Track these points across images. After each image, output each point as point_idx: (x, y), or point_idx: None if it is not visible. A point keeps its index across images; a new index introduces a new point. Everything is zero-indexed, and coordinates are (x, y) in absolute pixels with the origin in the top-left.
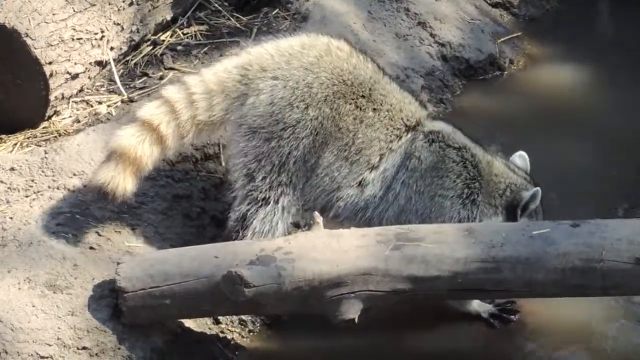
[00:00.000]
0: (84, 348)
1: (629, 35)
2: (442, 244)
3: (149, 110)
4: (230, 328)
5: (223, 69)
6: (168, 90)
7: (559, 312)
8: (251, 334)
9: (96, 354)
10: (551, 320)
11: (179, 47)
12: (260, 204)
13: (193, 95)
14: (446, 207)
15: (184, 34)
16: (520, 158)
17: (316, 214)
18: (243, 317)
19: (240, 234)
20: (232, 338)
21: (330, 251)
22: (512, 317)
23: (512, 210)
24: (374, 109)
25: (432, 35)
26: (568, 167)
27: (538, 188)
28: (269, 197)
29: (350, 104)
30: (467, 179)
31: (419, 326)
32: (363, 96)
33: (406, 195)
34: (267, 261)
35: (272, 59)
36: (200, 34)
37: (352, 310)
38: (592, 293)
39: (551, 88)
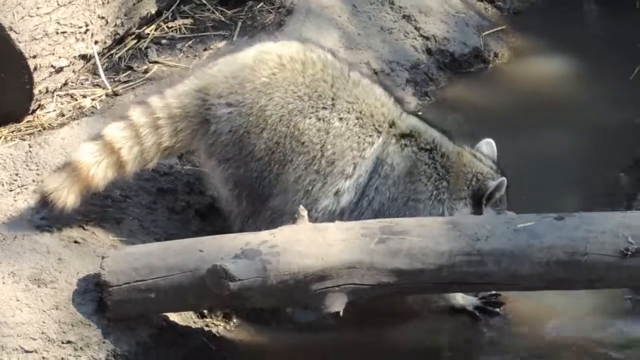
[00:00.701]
0: (68, 342)
1: (613, 27)
2: (427, 237)
3: (113, 131)
4: (215, 321)
5: (185, 93)
6: (134, 112)
7: (542, 304)
8: (236, 327)
9: (81, 348)
10: (535, 312)
11: (164, 41)
12: (250, 221)
13: (158, 120)
14: (419, 209)
15: (168, 28)
16: (488, 145)
17: (301, 207)
18: (228, 310)
19: None
20: (217, 331)
21: (315, 245)
22: (497, 309)
23: (478, 199)
24: (340, 119)
25: (416, 28)
26: (552, 160)
27: (503, 178)
28: (250, 217)
29: (310, 118)
30: (436, 180)
31: (402, 319)
32: (324, 108)
33: (380, 201)
34: (252, 255)
35: (227, 82)
36: (185, 27)
37: (337, 304)
38: (577, 286)
39: (536, 81)
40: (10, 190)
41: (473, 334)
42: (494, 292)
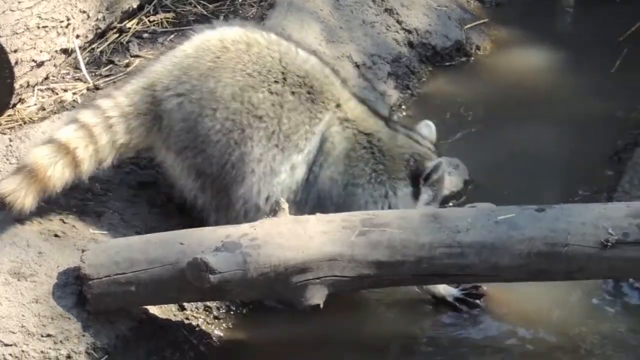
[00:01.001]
0: (48, 335)
1: (595, 19)
2: (407, 229)
3: (66, 133)
4: (195, 314)
5: (133, 91)
6: (84, 115)
7: (523, 296)
8: (216, 320)
9: (60, 341)
10: (515, 304)
11: (145, 35)
12: (222, 211)
13: (110, 119)
14: (358, 194)
15: (150, 22)
16: (427, 127)
17: (282, 200)
18: (208, 303)
19: None
20: (198, 324)
21: (296, 237)
22: (478, 301)
23: (416, 180)
24: (293, 92)
25: (398, 22)
26: (533, 152)
27: (441, 159)
28: (221, 207)
29: (263, 92)
30: (374, 164)
31: (383, 311)
32: (276, 82)
33: (322, 179)
34: (232, 247)
35: (172, 74)
36: (167, 21)
37: (318, 296)
38: (557, 278)
39: (518, 74)
40: None
41: (453, 325)
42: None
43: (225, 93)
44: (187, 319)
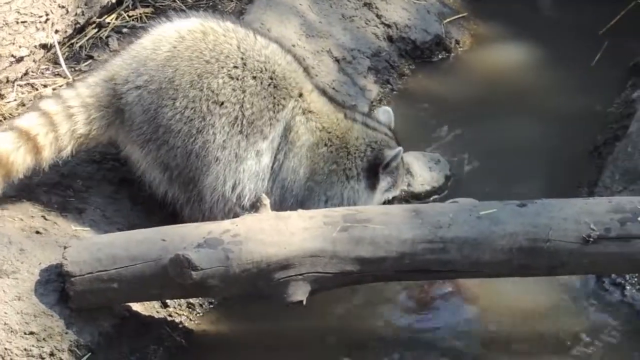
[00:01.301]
0: (31, 333)
1: (575, 14)
2: (390, 225)
3: (28, 120)
4: (178, 311)
5: (95, 84)
6: (46, 103)
7: (502, 291)
8: (199, 317)
9: (43, 339)
10: (494, 299)
11: (125, 30)
12: (193, 203)
13: (71, 109)
14: (315, 191)
15: (129, 17)
16: (385, 113)
17: (263, 196)
18: (191, 300)
19: None
20: (180, 321)
21: (278, 233)
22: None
23: (374, 169)
24: (254, 77)
25: (378, 16)
26: (515, 147)
27: (400, 147)
28: (191, 198)
29: (222, 77)
30: (331, 163)
31: (364, 308)
32: (235, 67)
33: (286, 169)
34: (214, 244)
35: (130, 67)
36: (146, 16)
37: (300, 292)
38: (539, 273)
39: (498, 69)
40: None
41: (434, 324)
42: None
43: (184, 81)
44: (169, 315)
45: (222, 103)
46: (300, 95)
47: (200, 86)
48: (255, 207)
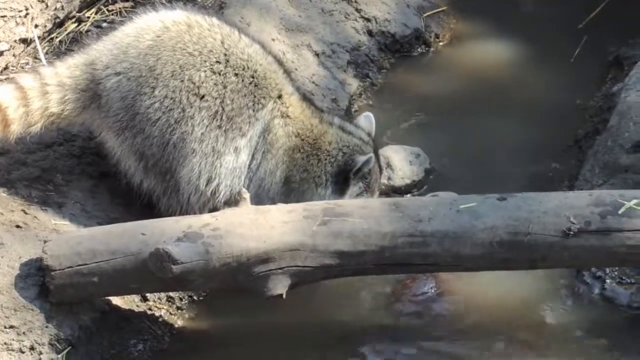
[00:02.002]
0: (11, 327)
1: (554, 8)
2: (369, 219)
3: (1, 92)
4: (158, 305)
5: (75, 65)
6: (23, 78)
7: (482, 285)
8: (179, 310)
9: (24, 333)
10: (474, 293)
11: (104, 24)
12: (170, 194)
13: (47, 86)
14: (290, 197)
15: (109, 11)
16: (366, 118)
17: (243, 190)
18: (171, 294)
19: None
20: (160, 315)
21: (258, 227)
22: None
23: (345, 174)
24: (236, 74)
25: (357, 10)
26: (495, 141)
27: (371, 154)
28: (168, 189)
29: (205, 71)
30: (302, 171)
31: (346, 302)
32: (218, 62)
33: (263, 169)
34: (194, 238)
35: (111, 53)
36: (126, 10)
37: (280, 286)
38: (520, 266)
39: (477, 62)
40: None
41: (414, 317)
42: None
43: (165, 70)
44: (150, 309)
45: (203, 96)
46: (280, 97)
47: (181, 77)
48: (229, 203)
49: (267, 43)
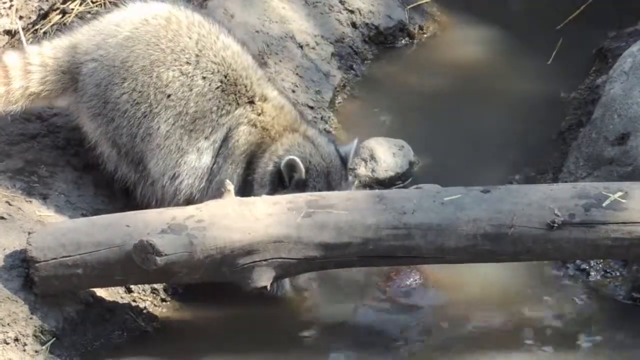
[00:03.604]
0: None
1: (539, 1)
2: (354, 211)
3: None
4: (142, 297)
5: (59, 47)
6: (8, 56)
7: (467, 277)
8: (164, 302)
9: (8, 324)
10: (460, 285)
11: (89, 16)
12: (144, 183)
13: (29, 65)
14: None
15: (93, 2)
16: (351, 143)
17: (227, 182)
18: (155, 285)
19: None
20: (145, 307)
21: (242, 219)
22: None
23: (279, 175)
24: (204, 77)
25: (341, 2)
26: (478, 133)
27: (289, 157)
28: (141, 179)
29: (174, 70)
30: (256, 171)
31: (331, 294)
32: (188, 63)
33: (224, 172)
34: (178, 229)
35: (93, 39)
36: (110, 2)
37: (264, 278)
38: (504, 259)
39: (461, 55)
40: None
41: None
42: None
43: (136, 64)
44: (134, 301)
45: (169, 95)
46: (251, 103)
47: (150, 73)
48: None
49: (249, 43)
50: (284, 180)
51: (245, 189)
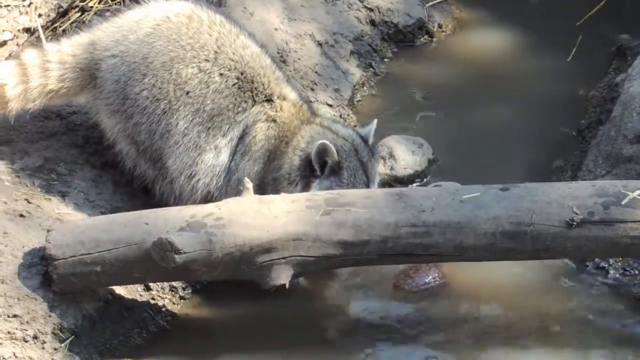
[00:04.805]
0: (14, 316)
1: None
2: (372, 209)
3: (2, 68)
4: (161, 295)
5: (78, 44)
6: (27, 54)
7: (486, 275)
8: (182, 300)
9: (27, 322)
10: (478, 283)
11: (108, 14)
12: (163, 181)
13: (48, 63)
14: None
15: (112, 0)
16: (369, 125)
17: (246, 179)
18: (174, 283)
19: None
20: (163, 305)
21: (261, 217)
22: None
23: (310, 165)
24: (221, 74)
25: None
26: (498, 131)
27: (321, 141)
28: (159, 176)
29: (193, 67)
30: (277, 170)
31: (348, 292)
32: (207, 60)
33: (241, 170)
34: (197, 227)
35: (113, 36)
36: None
37: (283, 276)
38: (523, 257)
39: (480, 53)
40: None
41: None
42: None
43: (157, 60)
44: (153, 299)
45: (188, 92)
46: (269, 101)
47: (170, 69)
48: (238, 190)
49: (269, 41)
50: (315, 170)
51: (265, 188)
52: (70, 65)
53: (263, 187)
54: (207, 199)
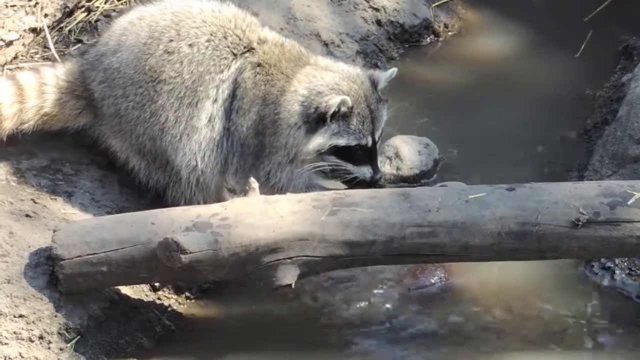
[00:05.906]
0: (20, 316)
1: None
2: (378, 209)
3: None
4: (167, 295)
5: (71, 71)
6: (23, 75)
7: (492, 275)
8: (188, 300)
9: (33, 322)
10: (485, 283)
11: (114, 14)
12: (173, 185)
13: (44, 86)
14: (264, 144)
15: (118, 1)
16: (388, 71)
17: (252, 179)
18: (180, 283)
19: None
20: (169, 305)
21: (267, 217)
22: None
23: (320, 116)
24: (190, 45)
25: (366, 0)
26: (504, 131)
27: (345, 97)
28: (170, 181)
29: (160, 52)
30: (274, 114)
31: (354, 292)
32: (171, 40)
33: (240, 126)
34: (203, 227)
35: (94, 66)
36: (135, 0)
37: (289, 276)
38: (529, 257)
39: (486, 52)
40: None
41: (420, 307)
42: None
43: (128, 69)
44: (159, 299)
45: (164, 80)
46: (250, 49)
47: (142, 70)
48: (244, 190)
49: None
50: (325, 119)
51: (264, 133)
52: (67, 90)
53: (262, 134)
54: (224, 171)
